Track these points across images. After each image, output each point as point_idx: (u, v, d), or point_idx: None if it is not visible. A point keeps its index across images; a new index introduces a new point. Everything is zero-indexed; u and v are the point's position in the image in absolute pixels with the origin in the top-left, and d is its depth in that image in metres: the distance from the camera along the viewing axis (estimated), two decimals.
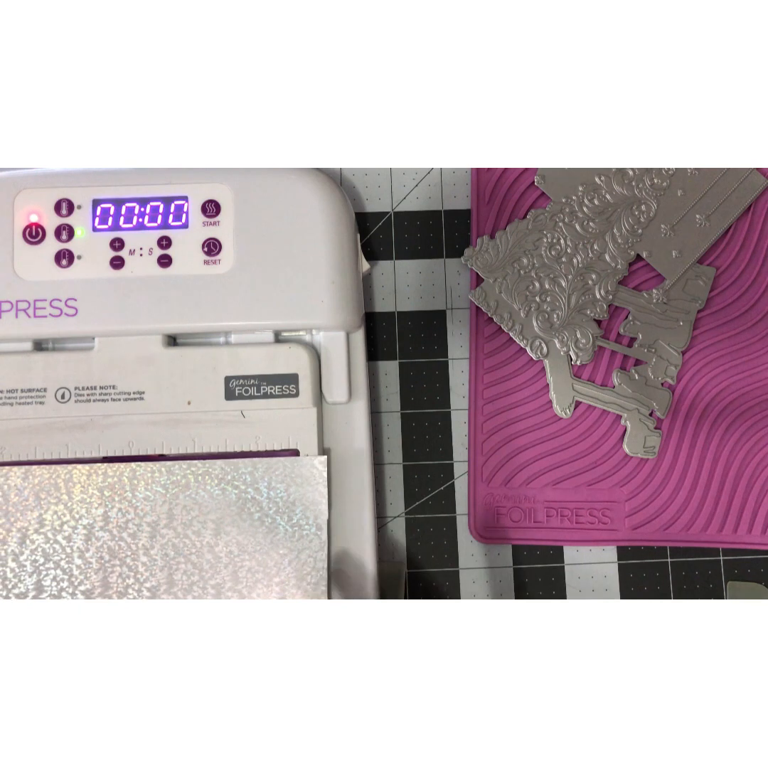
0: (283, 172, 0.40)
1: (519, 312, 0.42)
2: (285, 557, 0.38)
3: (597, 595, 0.42)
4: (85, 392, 0.39)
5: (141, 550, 0.37)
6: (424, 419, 0.43)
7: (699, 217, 0.43)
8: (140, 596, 0.37)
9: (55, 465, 0.38)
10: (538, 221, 0.43)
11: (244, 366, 0.39)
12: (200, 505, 0.38)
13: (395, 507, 0.43)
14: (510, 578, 0.43)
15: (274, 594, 0.37)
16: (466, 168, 0.45)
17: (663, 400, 0.43)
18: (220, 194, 0.40)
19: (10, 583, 0.37)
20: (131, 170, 0.40)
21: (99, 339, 0.39)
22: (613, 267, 0.43)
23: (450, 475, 0.43)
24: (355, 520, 0.40)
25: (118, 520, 0.38)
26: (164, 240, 0.40)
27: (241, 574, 0.37)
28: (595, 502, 0.43)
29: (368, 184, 0.45)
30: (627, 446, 0.42)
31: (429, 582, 0.42)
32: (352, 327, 0.40)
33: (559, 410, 0.43)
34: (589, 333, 0.42)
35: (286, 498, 0.38)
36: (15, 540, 0.37)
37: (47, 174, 0.40)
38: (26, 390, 0.39)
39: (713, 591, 0.43)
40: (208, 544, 0.37)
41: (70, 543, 0.37)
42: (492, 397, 0.43)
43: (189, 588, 0.37)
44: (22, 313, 0.39)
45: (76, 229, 0.40)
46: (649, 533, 0.42)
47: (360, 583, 0.39)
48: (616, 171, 0.43)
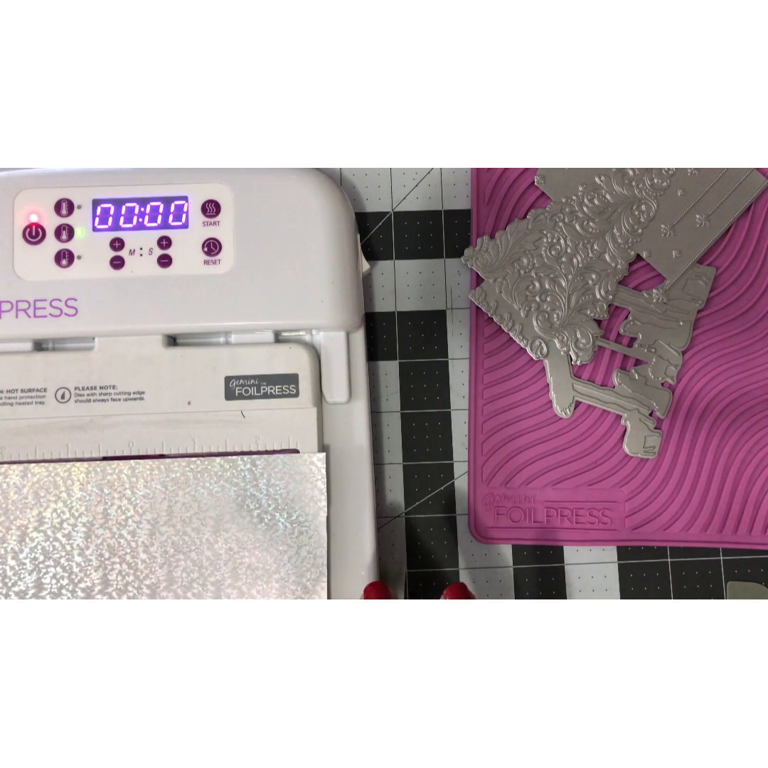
0: (283, 172, 0.40)
1: (519, 312, 0.42)
2: (284, 554, 0.38)
3: (597, 595, 0.42)
4: (85, 392, 0.39)
5: (140, 547, 0.37)
6: (424, 419, 0.43)
7: (699, 217, 0.43)
8: (140, 593, 0.37)
9: (54, 463, 0.38)
10: (538, 221, 0.43)
11: (244, 366, 0.39)
12: (199, 502, 0.38)
13: (395, 507, 0.43)
14: (510, 578, 0.43)
15: (274, 590, 0.37)
16: (466, 168, 0.45)
17: (663, 400, 0.43)
18: (220, 194, 0.40)
19: (10, 581, 0.37)
20: (131, 170, 0.40)
21: (99, 339, 0.39)
22: (613, 267, 0.43)
23: (450, 475, 0.43)
24: (355, 520, 0.40)
25: (118, 517, 0.38)
26: (164, 240, 0.40)
27: (241, 571, 0.37)
28: (595, 502, 0.42)
29: (368, 184, 0.45)
30: (627, 446, 0.42)
31: (429, 582, 0.42)
32: (352, 327, 0.40)
33: (559, 410, 0.43)
34: (589, 333, 0.42)
35: (285, 495, 0.38)
36: (14, 538, 0.37)
37: (47, 174, 0.40)
38: (26, 390, 0.39)
39: (713, 591, 0.42)
40: (208, 541, 0.38)
41: (70, 541, 0.37)
42: (492, 397, 0.43)
43: (189, 585, 0.37)
44: (22, 313, 0.39)
45: (76, 229, 0.40)
46: (649, 533, 0.42)
47: (360, 583, 0.39)
48: (616, 171, 0.43)
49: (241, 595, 0.37)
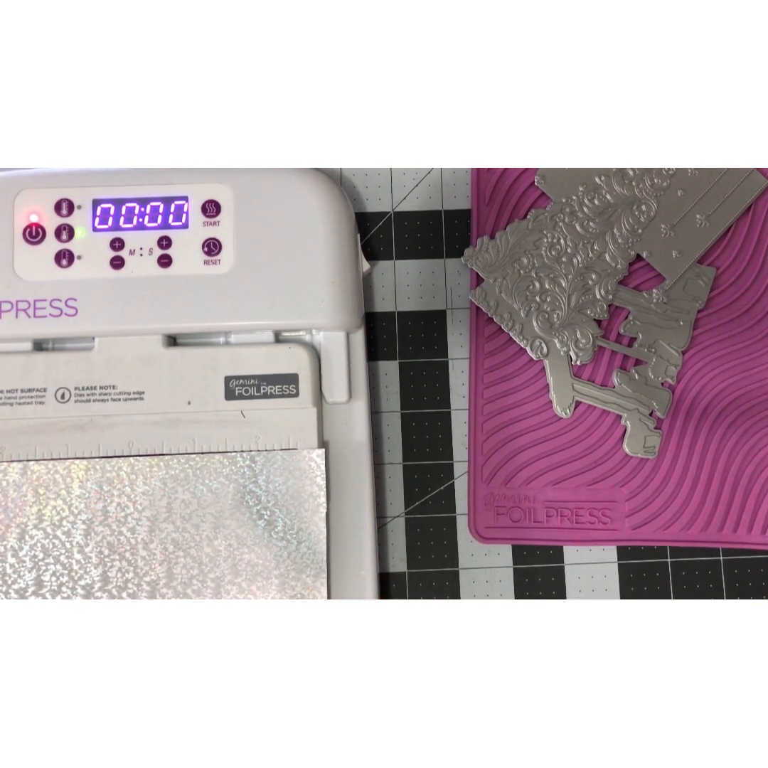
0: (283, 172, 0.40)
1: (519, 312, 0.42)
2: (284, 550, 0.38)
3: (597, 595, 0.42)
4: (85, 392, 0.39)
5: (140, 544, 0.37)
6: (424, 419, 0.43)
7: (699, 217, 0.43)
8: (140, 590, 0.37)
9: (54, 461, 0.38)
10: (538, 221, 0.43)
11: (244, 366, 0.39)
12: (199, 499, 0.38)
13: (395, 507, 0.43)
14: (510, 578, 0.43)
15: (274, 587, 0.37)
16: (466, 168, 0.45)
17: (663, 400, 0.43)
18: (220, 194, 0.40)
19: (9, 578, 0.37)
20: (131, 170, 0.40)
21: (99, 339, 0.39)
22: (613, 267, 0.43)
23: (450, 475, 0.43)
24: (355, 520, 0.40)
25: (117, 514, 0.38)
26: (164, 240, 0.40)
27: (241, 568, 0.37)
28: (595, 502, 0.42)
29: (368, 184, 0.45)
30: (627, 446, 0.42)
31: (429, 582, 0.42)
32: (352, 327, 0.40)
33: (559, 410, 0.43)
34: (589, 333, 0.42)
35: (284, 491, 0.38)
36: (14, 536, 0.37)
37: (47, 174, 0.40)
38: (26, 390, 0.39)
39: (713, 591, 0.42)
40: (207, 538, 0.38)
41: (70, 538, 0.37)
42: (492, 397, 0.43)
43: (188, 582, 0.37)
44: (22, 313, 0.39)
45: (76, 229, 0.40)
46: (649, 533, 0.42)
47: (360, 583, 0.39)
48: (616, 171, 0.43)
49: (240, 591, 0.37)
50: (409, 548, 0.43)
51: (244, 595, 0.37)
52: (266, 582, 0.37)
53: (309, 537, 0.38)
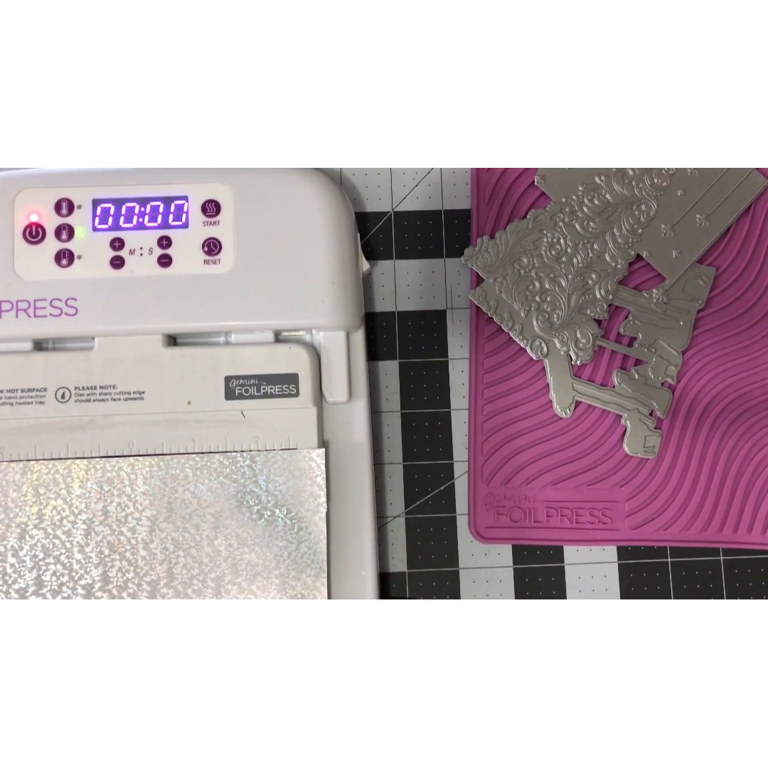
0: (283, 172, 0.40)
1: (519, 312, 0.42)
2: (284, 550, 0.38)
3: (597, 595, 0.42)
4: (85, 392, 0.39)
5: (140, 544, 0.37)
6: (424, 419, 0.43)
7: (699, 217, 0.43)
8: (140, 590, 0.37)
9: (54, 461, 0.38)
10: (538, 221, 0.43)
11: (244, 366, 0.39)
12: (199, 499, 0.38)
13: (395, 507, 0.43)
14: (510, 578, 0.43)
15: (274, 586, 0.37)
16: (466, 168, 0.45)
17: (663, 399, 0.43)
18: (220, 194, 0.40)
19: (10, 578, 0.37)
20: (131, 170, 0.40)
21: (99, 339, 0.39)
22: (613, 267, 0.43)
23: (450, 475, 0.43)
24: (355, 520, 0.40)
25: (118, 514, 0.38)
26: (164, 240, 0.40)
27: (241, 567, 0.37)
28: (595, 502, 0.42)
29: (368, 184, 0.45)
30: (627, 446, 0.42)
31: (429, 582, 0.42)
32: (352, 327, 0.40)
33: (559, 410, 0.43)
34: (589, 333, 0.42)
35: (284, 491, 0.38)
36: (14, 535, 0.37)
37: (47, 174, 0.40)
38: (26, 390, 0.39)
39: (713, 591, 0.42)
40: (208, 538, 0.38)
41: (70, 538, 0.37)
42: (492, 397, 0.43)
43: (189, 581, 0.37)
44: (22, 313, 0.39)
45: (76, 229, 0.40)
46: (649, 533, 0.42)
47: (360, 583, 0.39)
48: (616, 171, 0.43)
49: (241, 591, 0.37)
50: (409, 548, 0.43)
51: (244, 595, 0.37)
52: (266, 582, 0.37)
53: (309, 537, 0.38)
